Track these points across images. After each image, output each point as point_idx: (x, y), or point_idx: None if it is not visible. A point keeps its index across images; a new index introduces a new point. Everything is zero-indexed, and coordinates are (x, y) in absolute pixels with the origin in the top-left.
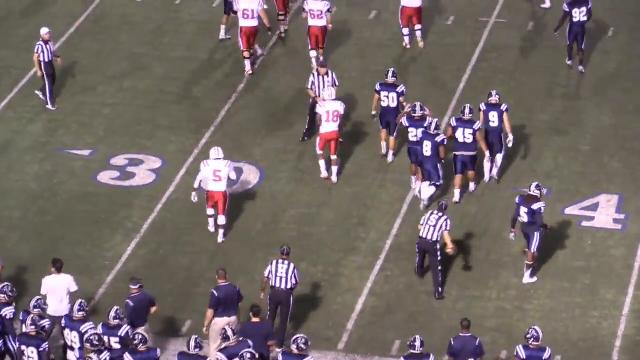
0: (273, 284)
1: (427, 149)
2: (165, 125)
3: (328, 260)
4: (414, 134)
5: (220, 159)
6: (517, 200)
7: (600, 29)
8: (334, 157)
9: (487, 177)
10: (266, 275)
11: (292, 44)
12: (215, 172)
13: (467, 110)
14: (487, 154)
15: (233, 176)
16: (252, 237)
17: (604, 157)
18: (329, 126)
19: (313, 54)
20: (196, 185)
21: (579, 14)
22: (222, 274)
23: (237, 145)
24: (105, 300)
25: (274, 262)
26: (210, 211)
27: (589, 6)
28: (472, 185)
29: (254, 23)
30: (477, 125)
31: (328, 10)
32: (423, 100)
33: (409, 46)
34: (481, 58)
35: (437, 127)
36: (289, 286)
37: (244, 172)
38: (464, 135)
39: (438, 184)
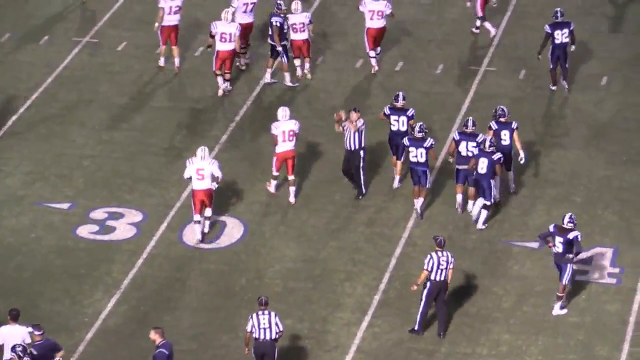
0: (257, 336)
1: (482, 165)
2: (145, 178)
3: (314, 316)
4: (414, 154)
5: (204, 158)
6: (551, 229)
7: (594, 77)
8: (291, 178)
9: (512, 187)
10: (249, 330)
11: (275, 91)
12: (199, 171)
13: (470, 123)
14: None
15: (217, 173)
16: (235, 293)
17: (598, 209)
18: (285, 145)
19: (298, 62)
20: (186, 177)
21: (561, 36)
22: (160, 332)
23: (221, 198)
24: (85, 358)
25: (254, 315)
26: (197, 217)
27: (571, 28)
28: (470, 204)
29: (231, 46)
30: (480, 138)
31: (310, 22)
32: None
33: (376, 68)
34: (471, 107)
35: (492, 145)
36: (273, 336)
37: (227, 226)
38: (467, 148)
39: (489, 203)
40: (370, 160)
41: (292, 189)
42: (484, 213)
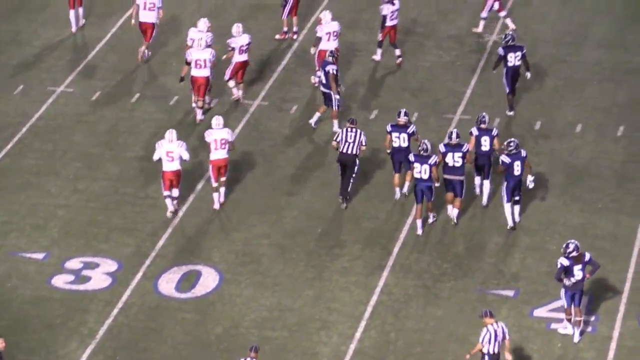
0: None
1: (517, 168)
2: (121, 227)
3: None
4: (418, 170)
5: (172, 141)
6: (565, 263)
7: (569, 125)
8: (223, 179)
9: (485, 201)
10: None
11: (250, 143)
12: (168, 153)
13: (454, 135)
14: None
15: (185, 156)
16: (211, 343)
17: None
18: (218, 153)
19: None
20: (155, 158)
21: (514, 58)
22: None
23: (195, 247)
24: None
25: None
26: (166, 192)
27: (524, 51)
28: (455, 212)
29: (206, 73)
30: (465, 147)
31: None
32: (388, 197)
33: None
34: None
35: (517, 146)
36: None
37: (202, 275)
38: (453, 159)
39: (520, 199)
40: (341, 209)
41: (221, 189)
42: (517, 207)
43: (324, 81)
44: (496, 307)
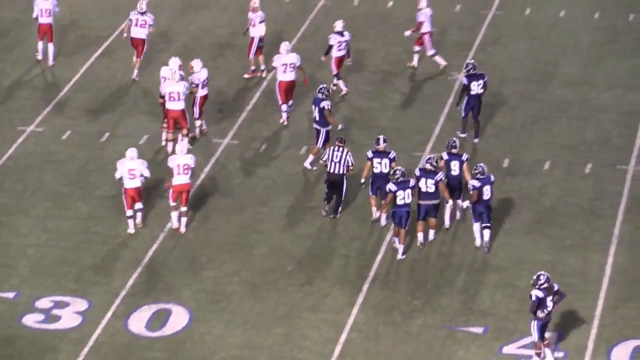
0: None
1: (486, 192)
2: (91, 266)
3: None
4: (401, 197)
5: (134, 159)
6: (540, 295)
7: (537, 163)
8: (184, 209)
9: (447, 223)
10: None
11: (219, 181)
12: (130, 171)
13: (431, 161)
14: (450, 201)
15: (146, 173)
16: None
17: None
18: (180, 178)
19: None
20: (117, 177)
21: (477, 87)
22: None
23: (166, 286)
24: None
25: None
26: (129, 212)
27: (485, 79)
28: (431, 233)
29: (181, 105)
30: (439, 176)
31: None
32: (357, 235)
33: (286, 122)
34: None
35: (484, 171)
36: None
37: (172, 314)
38: (426, 184)
39: (490, 225)
40: (311, 247)
41: (183, 220)
42: (488, 231)
43: (317, 118)
44: (465, 344)
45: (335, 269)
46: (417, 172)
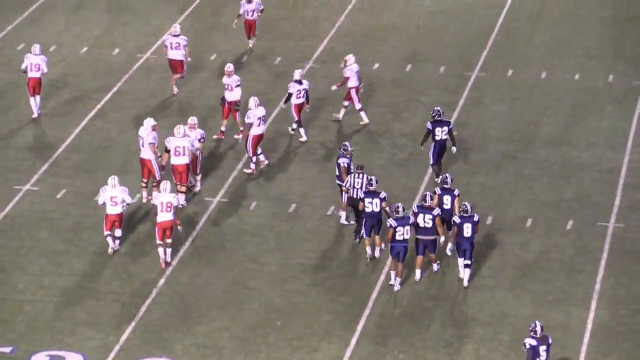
0: None
1: (467, 230)
2: (85, 322)
3: None
4: (400, 233)
5: (115, 187)
6: (533, 343)
7: (519, 220)
8: (169, 241)
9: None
10: None
11: (211, 238)
12: (112, 198)
13: (428, 198)
14: (442, 237)
15: (128, 199)
16: None
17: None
18: (163, 216)
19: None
20: (100, 203)
21: (441, 132)
22: None
23: (159, 340)
24: None
25: None
26: (107, 232)
27: (450, 126)
28: (434, 266)
29: (185, 160)
30: (436, 211)
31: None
32: (345, 290)
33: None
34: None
35: (468, 210)
36: None
37: None
38: (424, 220)
39: (470, 262)
40: (300, 302)
41: (169, 250)
42: (468, 270)
43: (337, 173)
44: None
45: (323, 323)
46: (415, 209)
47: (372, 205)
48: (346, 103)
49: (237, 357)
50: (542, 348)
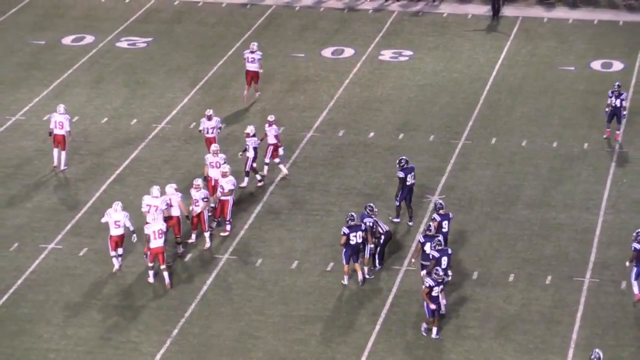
0: None
1: (444, 263)
2: None
3: None
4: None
5: (118, 211)
6: None
7: (502, 275)
8: (163, 267)
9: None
10: None
11: (220, 293)
12: (116, 222)
13: (432, 227)
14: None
15: (128, 224)
16: None
17: None
18: (156, 242)
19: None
20: (103, 221)
21: (410, 178)
22: None
23: None
24: None
25: None
26: (113, 253)
27: (414, 171)
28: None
29: (176, 212)
30: (439, 238)
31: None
32: (344, 340)
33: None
34: (394, 302)
35: (441, 243)
36: None
37: None
38: (431, 247)
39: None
40: (301, 350)
41: (166, 274)
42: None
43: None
44: None
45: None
46: (422, 239)
47: (356, 238)
48: (276, 160)
49: None
50: None
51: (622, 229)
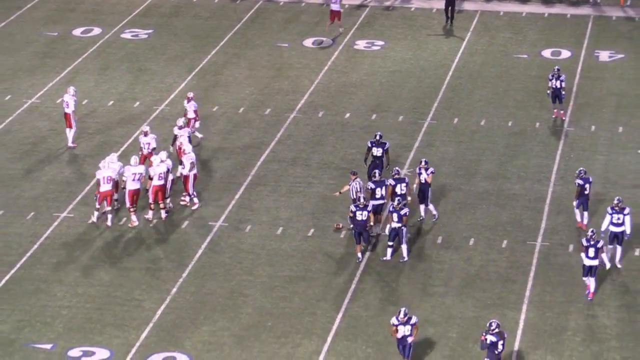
0: None
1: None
2: (112, 323)
3: None
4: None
5: (137, 164)
6: (494, 339)
7: (464, 239)
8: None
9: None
10: None
11: (213, 256)
12: (134, 174)
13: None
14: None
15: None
16: None
17: (469, 343)
18: (104, 187)
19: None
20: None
21: (377, 151)
22: None
23: (172, 338)
24: None
25: None
26: (130, 207)
27: (386, 147)
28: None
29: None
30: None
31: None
32: (322, 296)
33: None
34: (368, 264)
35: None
36: None
37: None
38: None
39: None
40: (286, 307)
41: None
42: None
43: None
44: None
45: (305, 324)
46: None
47: (361, 215)
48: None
49: (235, 352)
50: (500, 342)
51: (570, 199)
